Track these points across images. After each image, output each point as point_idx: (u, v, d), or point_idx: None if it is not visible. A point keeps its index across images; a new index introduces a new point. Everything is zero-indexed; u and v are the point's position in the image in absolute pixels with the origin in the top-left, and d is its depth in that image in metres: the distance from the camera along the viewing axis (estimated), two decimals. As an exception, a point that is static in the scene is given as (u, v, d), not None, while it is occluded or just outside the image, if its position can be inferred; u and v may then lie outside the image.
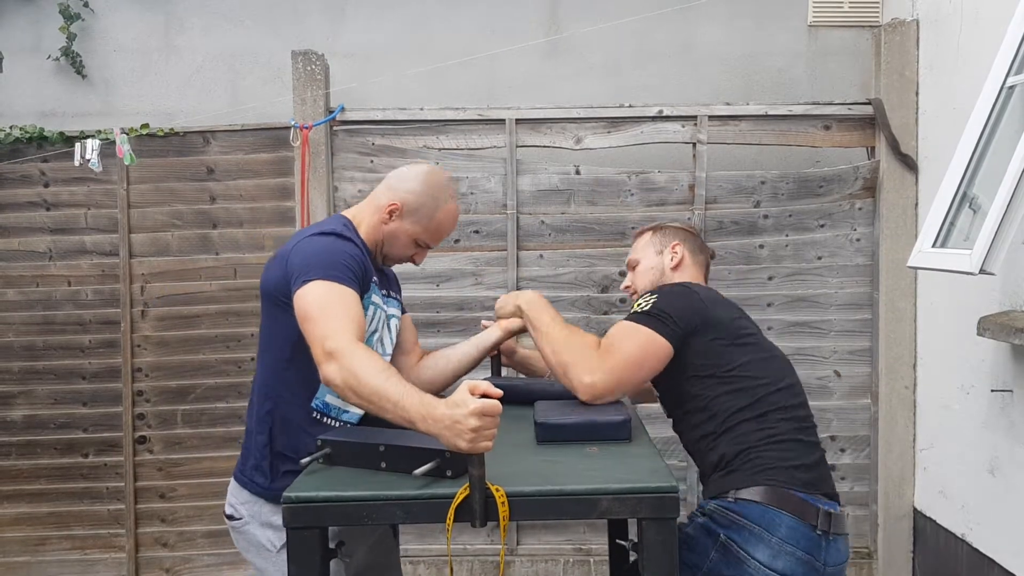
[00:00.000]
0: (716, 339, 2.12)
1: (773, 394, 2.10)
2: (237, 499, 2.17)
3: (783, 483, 2.01)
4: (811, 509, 2.00)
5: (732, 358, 2.12)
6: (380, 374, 1.75)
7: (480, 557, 3.97)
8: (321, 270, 1.96)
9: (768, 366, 2.16)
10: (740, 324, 2.19)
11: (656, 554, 1.65)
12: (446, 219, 2.24)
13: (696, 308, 2.15)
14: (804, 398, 2.21)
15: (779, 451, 2.05)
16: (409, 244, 2.22)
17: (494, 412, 1.59)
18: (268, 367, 2.15)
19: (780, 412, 2.09)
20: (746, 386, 2.09)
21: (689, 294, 2.19)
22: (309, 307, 1.91)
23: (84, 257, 4.09)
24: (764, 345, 2.21)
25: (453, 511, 1.62)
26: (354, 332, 1.86)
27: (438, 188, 2.22)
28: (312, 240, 2.08)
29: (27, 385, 4.10)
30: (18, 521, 4.13)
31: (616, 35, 4.20)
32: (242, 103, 4.26)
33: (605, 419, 2.02)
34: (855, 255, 3.91)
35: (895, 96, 3.79)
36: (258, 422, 2.14)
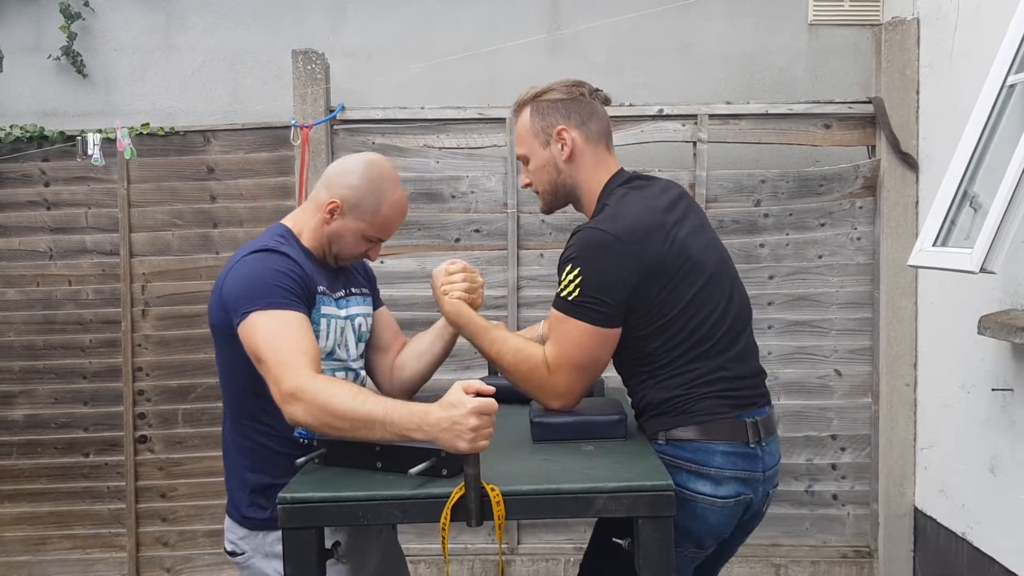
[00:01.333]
0: (651, 295, 1.97)
1: (708, 330, 2.01)
2: (235, 535, 2.10)
3: (711, 414, 1.99)
4: (740, 427, 2.00)
5: (668, 307, 1.98)
6: (353, 399, 1.71)
7: (481, 556, 3.97)
8: (257, 300, 1.87)
9: (703, 299, 2.01)
10: (672, 258, 1.98)
11: (653, 552, 1.66)
12: (392, 211, 2.08)
13: (625, 275, 1.94)
14: (736, 317, 2.11)
15: (706, 388, 2.00)
16: (358, 241, 2.09)
17: (492, 410, 1.59)
18: (237, 401, 2.07)
19: (709, 348, 2.01)
20: (679, 328, 1.99)
21: (611, 254, 1.95)
22: (256, 347, 1.84)
23: (85, 256, 4.09)
24: (702, 262, 2.03)
25: (449, 510, 1.62)
26: (308, 364, 1.79)
27: (379, 179, 2.07)
28: (243, 264, 1.96)
29: (28, 384, 4.11)
30: (19, 520, 4.13)
31: (616, 33, 4.20)
32: (242, 102, 4.26)
33: (601, 418, 2.03)
34: (856, 254, 3.90)
35: (895, 95, 3.78)
36: (242, 457, 2.07)
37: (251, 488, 2.05)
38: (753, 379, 2.13)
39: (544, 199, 2.24)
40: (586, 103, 2.19)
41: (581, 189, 2.16)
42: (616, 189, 2.12)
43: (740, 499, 2.01)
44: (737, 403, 2.03)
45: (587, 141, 2.16)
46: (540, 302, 3.94)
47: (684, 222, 2.07)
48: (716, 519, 2.00)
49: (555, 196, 2.21)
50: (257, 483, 2.04)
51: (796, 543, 3.95)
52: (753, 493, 2.03)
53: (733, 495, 1.99)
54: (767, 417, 2.08)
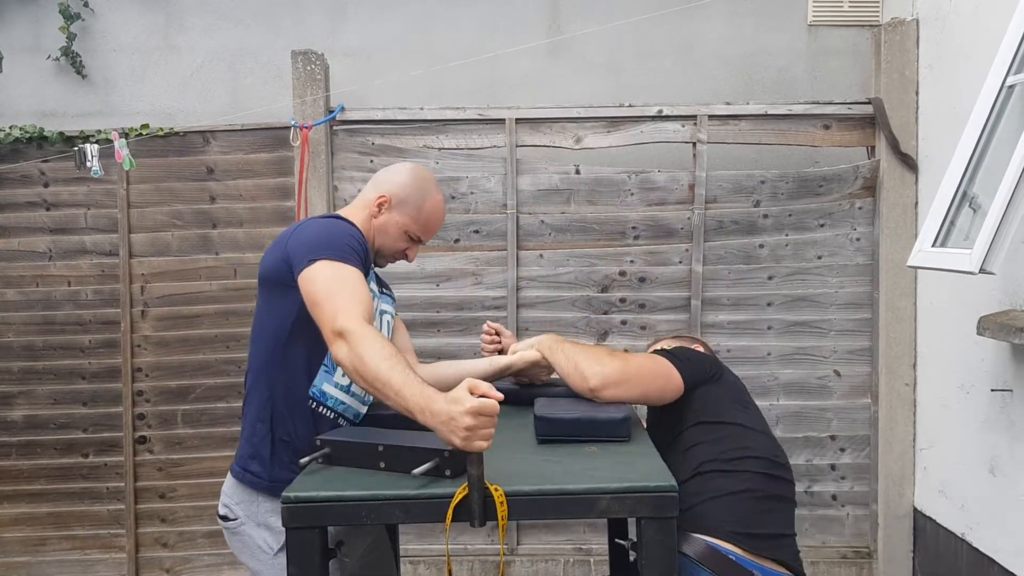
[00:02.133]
0: (722, 394, 2.16)
1: (751, 458, 2.06)
2: (232, 498, 2.14)
3: (720, 538, 1.95)
4: (743, 573, 1.93)
5: (729, 414, 2.13)
6: (385, 360, 1.73)
7: (480, 557, 3.97)
8: (326, 250, 1.95)
9: (759, 434, 2.14)
10: (746, 393, 2.26)
11: (655, 553, 1.66)
12: (434, 210, 2.25)
13: (712, 363, 2.25)
14: (785, 467, 2.14)
15: (729, 506, 1.99)
16: (400, 236, 2.23)
17: (490, 412, 1.59)
18: (265, 352, 2.11)
19: (749, 472, 2.03)
20: (728, 439, 2.06)
21: (706, 356, 2.30)
22: (317, 287, 1.90)
23: (84, 257, 4.09)
24: (761, 419, 2.23)
25: (452, 511, 1.62)
26: (363, 313, 1.85)
27: (424, 180, 2.26)
28: (313, 222, 2.10)
29: (27, 385, 4.10)
30: (18, 521, 4.13)
31: (616, 35, 4.20)
32: (242, 103, 4.26)
33: (605, 416, 2.03)
34: (855, 254, 3.90)
35: (895, 95, 3.79)
36: (259, 410, 2.11)
37: (257, 442, 2.10)
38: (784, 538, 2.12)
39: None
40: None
41: None
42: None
43: None
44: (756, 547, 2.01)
45: None
46: (539, 302, 3.94)
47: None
48: None
49: None
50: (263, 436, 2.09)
51: (795, 543, 3.95)
52: None
53: None
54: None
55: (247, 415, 2.16)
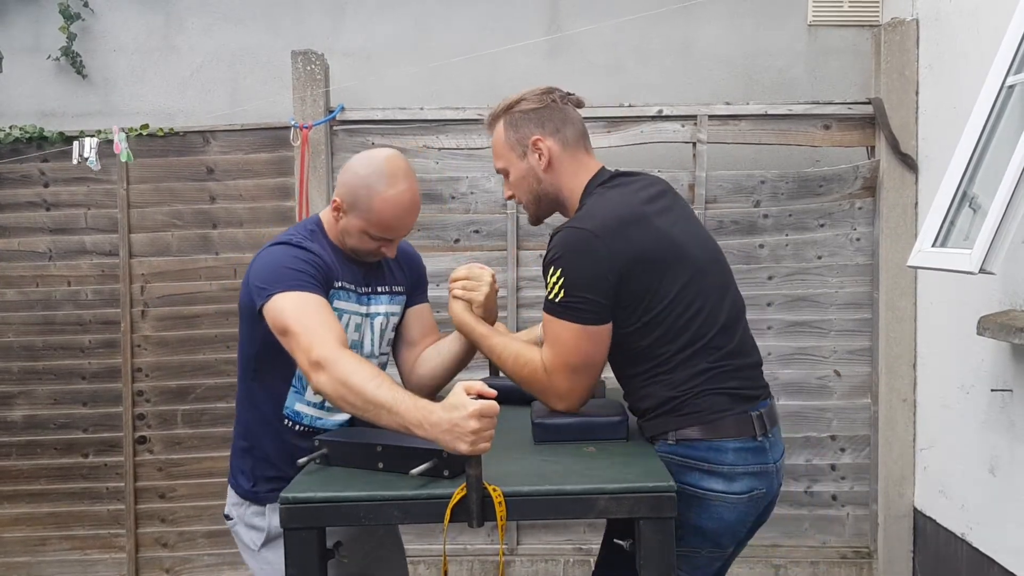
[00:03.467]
0: (637, 287, 1.95)
1: (703, 323, 2.00)
2: (230, 500, 2.24)
3: (717, 412, 1.98)
4: (747, 422, 1.99)
5: (657, 299, 1.96)
6: (371, 381, 1.74)
7: (480, 557, 3.97)
8: (280, 283, 1.95)
9: (694, 291, 2.00)
10: (654, 248, 1.97)
11: (654, 553, 1.66)
12: (385, 208, 2.04)
13: (606, 270, 1.93)
14: (731, 309, 2.10)
15: (710, 384, 1.99)
16: (363, 238, 2.09)
17: (492, 413, 1.59)
18: (241, 384, 2.21)
19: (707, 342, 2.00)
20: (672, 321, 1.97)
21: (590, 250, 1.93)
22: (282, 321, 1.91)
23: (84, 257, 4.09)
24: (689, 253, 2.03)
25: (450, 511, 1.62)
26: (336, 339, 1.85)
27: (374, 176, 2.05)
28: (268, 252, 2.07)
29: (27, 385, 4.11)
30: (18, 521, 4.13)
31: (616, 34, 4.20)
32: (242, 103, 4.26)
33: (602, 419, 2.03)
34: (855, 254, 3.90)
35: (895, 95, 3.79)
36: (237, 430, 2.22)
37: (239, 455, 2.20)
38: (753, 371, 2.12)
39: (529, 210, 2.23)
40: (558, 109, 2.14)
41: (563, 195, 2.15)
42: (596, 189, 2.11)
43: (753, 494, 2.00)
44: (741, 397, 2.02)
45: (563, 148, 2.13)
46: (540, 302, 3.91)
47: (667, 214, 2.06)
48: (731, 516, 1.99)
49: (539, 206, 2.20)
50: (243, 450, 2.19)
51: (795, 544, 3.95)
52: (766, 487, 2.02)
53: (747, 491, 1.99)
54: (770, 408, 2.07)
55: (234, 432, 2.25)
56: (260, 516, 2.16)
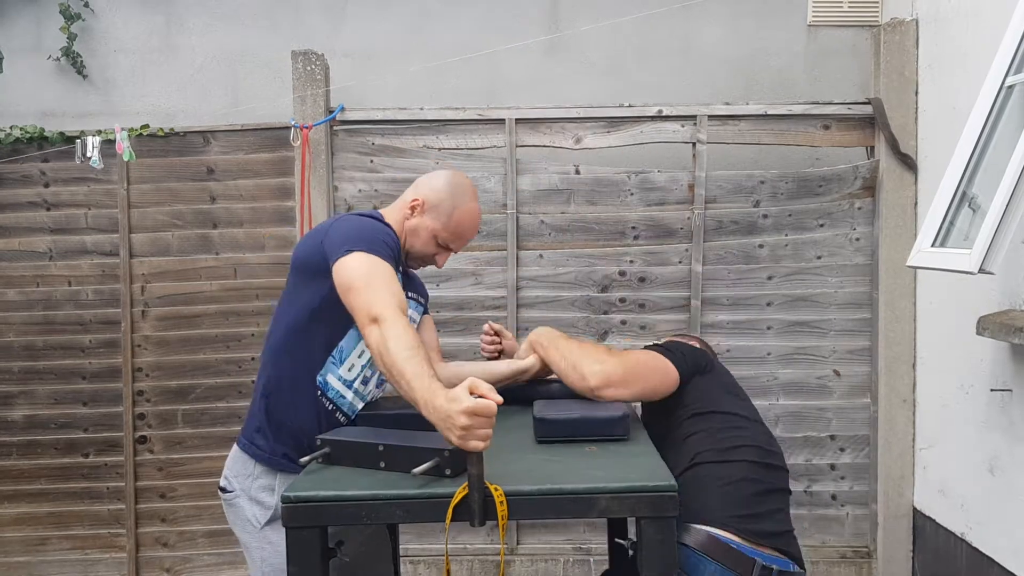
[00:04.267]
0: (715, 385, 2.19)
1: (746, 447, 2.07)
2: (232, 471, 2.25)
3: (720, 527, 1.95)
4: (745, 560, 1.92)
5: (722, 404, 2.16)
6: (406, 350, 1.78)
7: (480, 556, 3.97)
8: (363, 243, 2.01)
9: (753, 423, 2.17)
10: (737, 385, 2.31)
11: (655, 552, 1.66)
12: (465, 218, 2.28)
13: (704, 355, 2.28)
14: (779, 455, 2.15)
15: (727, 496, 1.99)
16: (430, 241, 2.27)
17: (486, 413, 1.59)
18: (283, 334, 2.19)
19: (745, 462, 2.04)
20: (723, 429, 2.08)
21: (698, 349, 2.32)
22: (353, 276, 1.96)
23: (84, 257, 4.09)
24: (754, 409, 2.26)
25: (452, 510, 1.62)
26: (398, 303, 1.91)
27: (459, 188, 2.29)
28: (352, 217, 2.17)
29: (27, 385, 4.11)
30: (19, 521, 4.13)
31: (616, 34, 4.21)
32: (242, 103, 4.27)
33: (603, 415, 2.04)
34: (854, 254, 3.91)
35: (894, 96, 3.79)
36: (266, 387, 2.20)
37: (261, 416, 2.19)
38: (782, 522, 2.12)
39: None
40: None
41: None
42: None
43: None
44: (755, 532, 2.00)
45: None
46: (539, 302, 3.95)
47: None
48: None
49: None
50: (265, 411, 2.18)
51: (795, 543, 3.95)
52: None
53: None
54: (785, 572, 2.00)
55: (256, 389, 2.25)
56: (268, 492, 2.17)
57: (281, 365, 2.18)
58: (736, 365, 3.82)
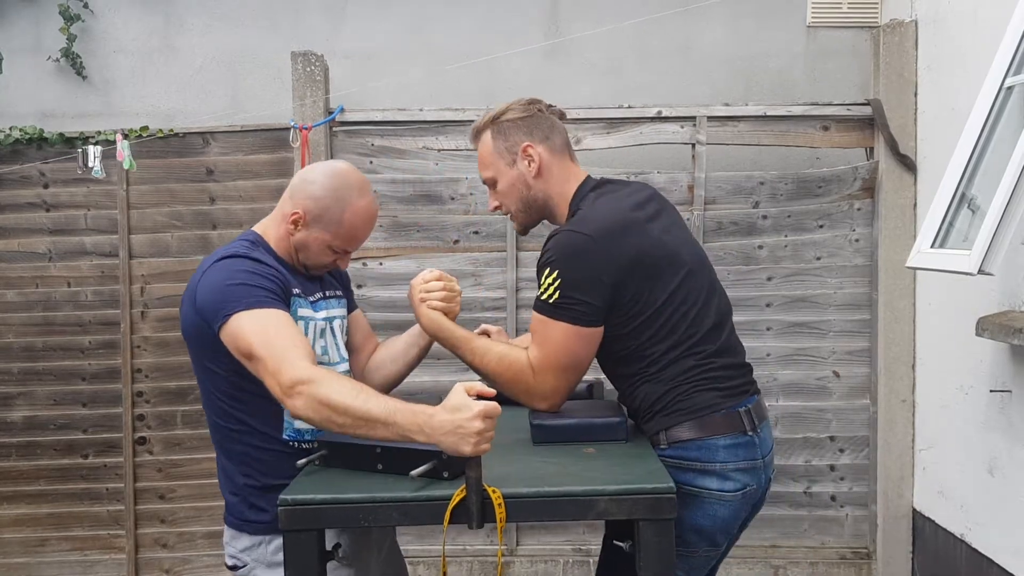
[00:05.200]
0: (631, 291, 1.99)
1: (692, 323, 2.04)
2: (236, 547, 2.07)
3: (707, 408, 2.02)
4: (736, 418, 2.03)
5: (650, 302, 2.01)
6: (356, 397, 1.69)
7: (480, 558, 3.97)
8: (236, 301, 1.83)
9: (684, 293, 2.04)
10: (648, 253, 2.01)
11: (653, 554, 1.67)
12: (356, 219, 2.04)
13: (602, 274, 1.96)
14: (718, 311, 2.12)
15: (698, 381, 2.03)
16: (323, 251, 2.06)
17: (496, 413, 1.60)
18: (220, 408, 2.01)
19: (696, 341, 2.04)
20: (663, 322, 2.02)
21: (588, 254, 1.97)
22: (246, 345, 1.79)
23: (84, 258, 4.09)
24: (680, 257, 2.08)
25: (450, 513, 1.62)
26: (305, 356, 1.77)
27: (342, 188, 2.02)
28: (215, 270, 1.93)
29: (27, 386, 4.11)
30: (18, 522, 4.13)
31: (615, 36, 4.20)
32: (242, 104, 4.27)
33: (601, 420, 2.03)
34: (854, 255, 3.90)
35: (894, 97, 3.79)
36: (232, 463, 2.03)
37: (248, 492, 2.02)
38: (740, 369, 2.16)
39: (517, 218, 2.26)
40: (545, 118, 2.20)
41: (553, 201, 2.20)
42: (587, 195, 2.15)
43: (746, 491, 2.04)
44: (729, 393, 2.07)
45: (552, 154, 2.17)
46: (539, 304, 3.94)
47: (657, 219, 2.12)
48: (726, 513, 2.03)
49: (528, 213, 2.24)
50: (253, 486, 2.01)
51: (795, 544, 3.95)
52: (756, 482, 2.06)
53: (740, 487, 2.03)
54: (757, 404, 2.12)
55: (226, 468, 2.06)
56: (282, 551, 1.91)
57: (240, 443, 2.00)
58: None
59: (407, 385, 3.77)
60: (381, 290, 3.94)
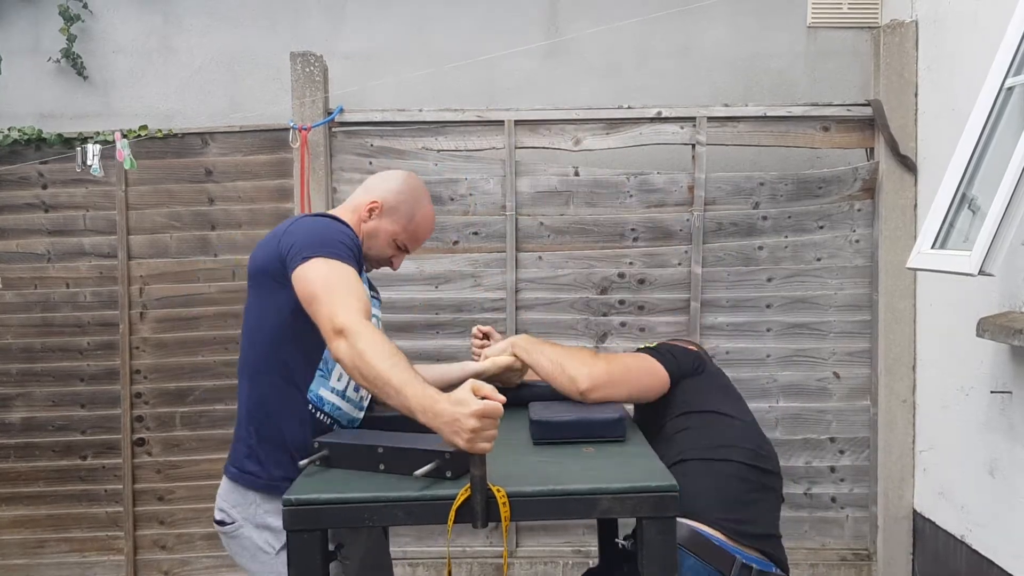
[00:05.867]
0: (706, 385, 2.21)
1: (737, 447, 2.10)
2: (228, 502, 2.12)
3: (703, 523, 1.98)
4: (725, 557, 1.95)
5: (713, 403, 2.17)
6: (387, 359, 1.71)
7: (479, 559, 3.96)
8: (321, 248, 1.93)
9: (745, 424, 2.19)
10: (730, 386, 2.34)
11: (656, 552, 1.67)
12: (424, 220, 2.26)
13: (697, 356, 2.30)
14: (771, 459, 2.17)
15: (713, 492, 2.02)
16: (388, 244, 2.23)
17: (495, 414, 1.59)
18: (259, 351, 2.08)
19: (735, 461, 2.07)
20: (713, 427, 2.10)
21: (690, 350, 2.34)
22: (313, 284, 1.88)
23: (82, 259, 4.08)
24: (747, 410, 2.28)
25: (454, 512, 1.61)
26: (362, 310, 1.83)
27: (417, 190, 2.26)
28: (307, 220, 2.08)
29: (25, 387, 4.09)
30: (16, 523, 4.12)
31: (615, 36, 4.20)
32: (241, 104, 4.26)
33: (600, 417, 2.04)
34: (854, 256, 3.90)
35: (894, 97, 3.79)
36: (252, 410, 2.09)
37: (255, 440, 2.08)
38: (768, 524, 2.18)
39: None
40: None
41: None
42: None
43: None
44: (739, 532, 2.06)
45: None
46: (538, 304, 3.94)
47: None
48: None
49: None
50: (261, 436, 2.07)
51: (795, 546, 3.94)
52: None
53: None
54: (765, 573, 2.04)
55: (241, 414, 2.14)
56: (276, 515, 1.96)
57: (264, 384, 2.07)
58: (735, 367, 3.82)
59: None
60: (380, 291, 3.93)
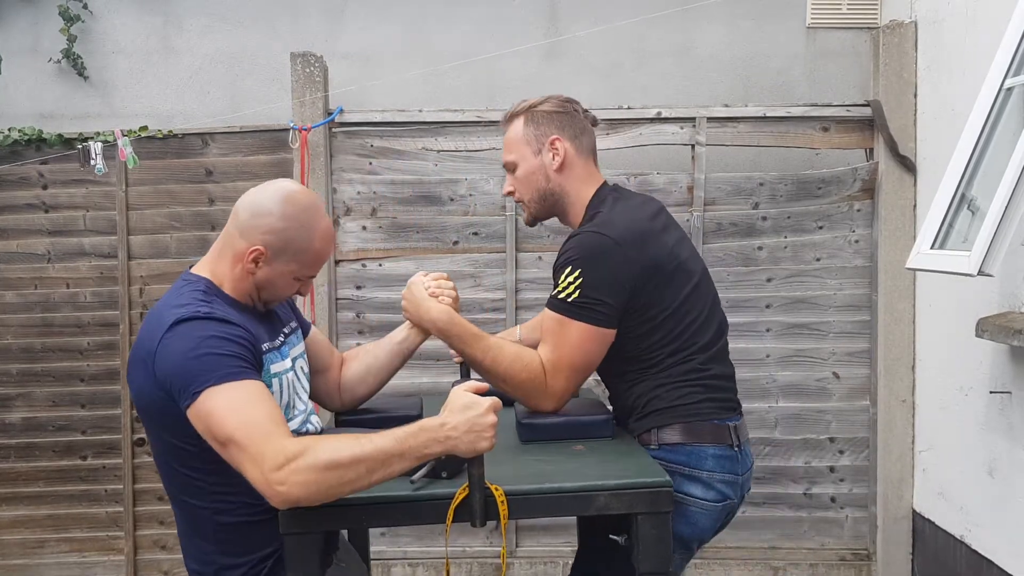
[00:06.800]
0: (647, 296, 2.02)
1: (695, 331, 2.09)
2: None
3: (699, 417, 2.05)
4: (725, 431, 2.07)
5: (661, 308, 2.04)
6: (358, 442, 1.54)
7: (479, 559, 3.96)
8: (207, 374, 1.61)
9: (692, 302, 2.09)
10: (665, 261, 2.06)
11: (651, 547, 1.69)
12: (323, 243, 1.88)
13: (624, 277, 1.99)
14: (718, 323, 2.18)
15: (695, 387, 2.07)
16: (289, 284, 1.88)
17: (500, 406, 1.62)
18: (192, 486, 1.80)
19: (697, 348, 2.08)
20: (671, 328, 2.06)
21: (611, 256, 1.99)
22: (220, 428, 1.58)
23: (83, 259, 4.08)
24: (689, 267, 2.12)
25: (452, 511, 1.62)
26: (285, 433, 1.58)
27: (301, 213, 1.83)
28: (177, 336, 1.67)
29: (25, 387, 4.10)
30: (16, 524, 4.12)
31: (615, 36, 4.20)
32: (241, 105, 4.26)
33: (588, 418, 2.06)
34: (854, 257, 3.91)
35: (893, 98, 3.79)
36: (209, 543, 1.83)
37: (220, 557, 1.83)
38: (730, 382, 2.20)
39: (529, 208, 2.28)
40: (579, 118, 2.23)
41: (569, 199, 2.23)
42: (606, 198, 2.18)
43: (726, 503, 2.07)
44: (720, 405, 2.11)
45: (578, 154, 2.20)
46: (538, 305, 3.94)
47: (669, 230, 2.16)
48: (705, 522, 2.06)
49: (541, 205, 2.26)
50: (237, 562, 1.82)
51: (794, 546, 3.95)
52: (736, 497, 2.10)
53: (721, 498, 2.06)
54: (742, 423, 2.16)
55: (195, 550, 1.87)
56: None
57: (217, 515, 1.80)
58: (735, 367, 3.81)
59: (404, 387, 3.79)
60: (380, 291, 3.94)
